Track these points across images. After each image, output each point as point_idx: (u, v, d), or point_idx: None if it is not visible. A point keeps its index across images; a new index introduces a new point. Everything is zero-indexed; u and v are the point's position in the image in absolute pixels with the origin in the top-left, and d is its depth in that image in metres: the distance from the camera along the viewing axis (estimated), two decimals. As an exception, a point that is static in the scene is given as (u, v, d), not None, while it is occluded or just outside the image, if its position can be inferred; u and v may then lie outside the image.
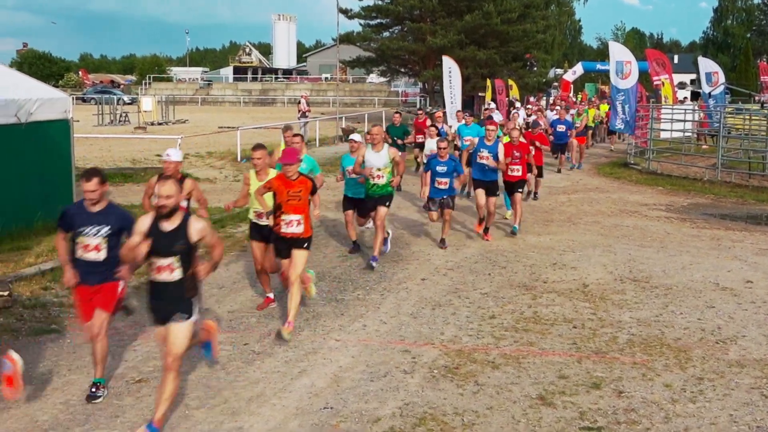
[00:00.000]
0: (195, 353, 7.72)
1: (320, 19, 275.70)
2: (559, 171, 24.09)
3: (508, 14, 47.10)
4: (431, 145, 17.53)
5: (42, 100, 13.62)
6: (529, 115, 30.40)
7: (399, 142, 20.59)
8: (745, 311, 10.11)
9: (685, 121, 29.50)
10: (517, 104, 37.14)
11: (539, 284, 11.35)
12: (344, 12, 51.30)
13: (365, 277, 11.53)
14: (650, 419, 6.82)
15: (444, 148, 13.31)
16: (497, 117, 28.11)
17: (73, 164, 14.77)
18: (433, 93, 52.43)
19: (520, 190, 15.06)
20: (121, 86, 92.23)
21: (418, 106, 53.91)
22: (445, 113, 29.21)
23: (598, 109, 34.32)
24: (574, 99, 45.19)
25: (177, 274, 6.45)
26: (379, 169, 12.22)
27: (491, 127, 14.18)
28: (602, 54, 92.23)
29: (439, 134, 18.64)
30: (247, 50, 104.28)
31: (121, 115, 45.61)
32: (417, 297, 10.62)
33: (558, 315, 9.86)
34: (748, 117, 33.29)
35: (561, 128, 24.21)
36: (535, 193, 19.19)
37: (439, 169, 13.18)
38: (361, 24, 53.66)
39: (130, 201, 17.87)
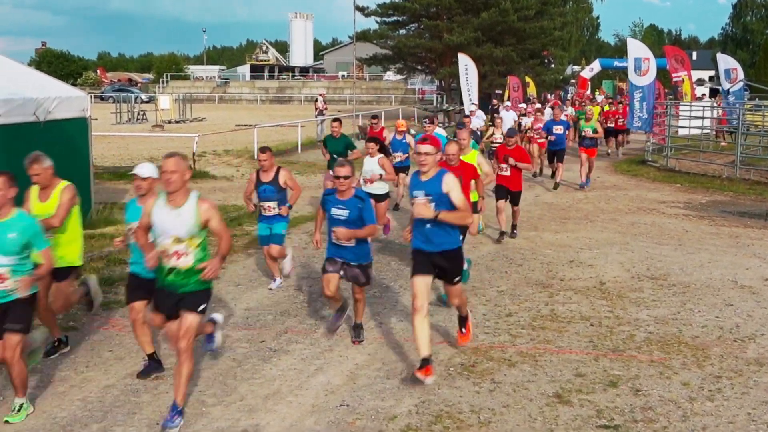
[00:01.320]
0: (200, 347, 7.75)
1: (337, 17, 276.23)
2: (555, 187, 20.15)
3: (525, 11, 46.99)
4: (370, 165, 12.93)
5: (60, 99, 13.70)
6: (522, 115, 28.42)
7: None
8: (764, 309, 10.04)
9: (703, 117, 29.33)
10: (518, 105, 34.67)
11: (556, 282, 11.32)
12: (361, 10, 51.32)
13: (382, 275, 11.53)
14: (668, 418, 6.78)
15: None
16: (477, 122, 26.37)
17: (91, 162, 14.85)
18: (449, 90, 52.36)
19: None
20: (139, 84, 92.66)
21: (434, 103, 53.87)
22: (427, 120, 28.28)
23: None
24: (592, 96, 44.99)
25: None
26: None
27: (425, 149, 7.51)
28: (620, 51, 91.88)
29: (383, 150, 13.74)
30: (264, 48, 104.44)
31: (138, 114, 45.84)
32: (433, 295, 10.59)
33: (575, 313, 9.82)
34: (767, 114, 33.04)
35: (558, 129, 20.29)
36: (510, 232, 14.35)
37: (336, 212, 8.23)
38: (377, 22, 53.67)
39: (148, 199, 17.95)
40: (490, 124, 24.86)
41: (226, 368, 7.89)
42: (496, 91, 46.02)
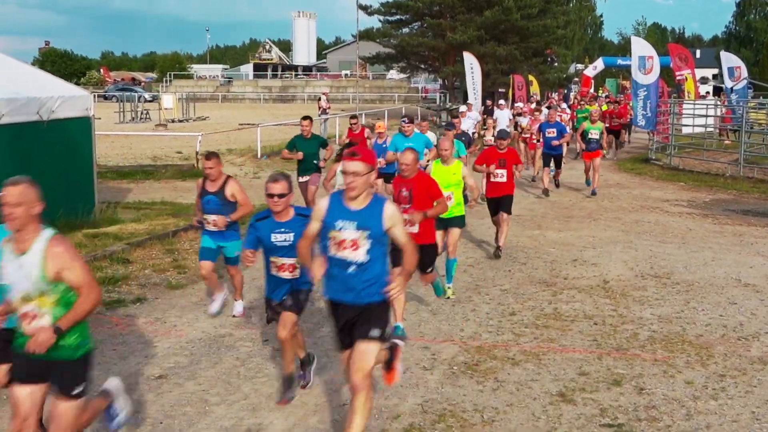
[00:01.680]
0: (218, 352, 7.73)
1: (340, 16, 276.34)
2: (546, 193, 18.72)
3: (528, 9, 46.96)
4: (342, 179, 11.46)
5: (63, 98, 13.71)
6: (517, 114, 26.76)
7: (316, 163, 14.36)
8: (768, 308, 10.04)
9: (707, 116, 29.30)
10: (502, 102, 31.94)
11: (559, 281, 11.31)
12: (364, 8, 51.32)
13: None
14: (671, 416, 6.78)
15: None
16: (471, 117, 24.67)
17: (94, 162, 14.87)
18: (453, 89, 52.35)
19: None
20: (142, 84, 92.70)
21: (437, 102, 53.87)
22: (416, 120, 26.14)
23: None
24: (596, 94, 44.94)
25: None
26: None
27: (353, 167, 5.73)
28: (623, 49, 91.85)
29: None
30: (267, 47, 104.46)
31: (142, 113, 45.89)
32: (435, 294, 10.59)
33: (578, 311, 9.82)
34: (770, 112, 33.02)
35: (551, 133, 18.83)
36: (495, 251, 12.81)
37: (278, 238, 6.95)
38: (380, 20, 53.69)
39: (151, 197, 18.01)
40: (484, 127, 23.67)
41: (229, 367, 7.90)
42: (500, 90, 46.01)
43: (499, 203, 12.56)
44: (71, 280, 4.93)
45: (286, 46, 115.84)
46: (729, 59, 35.50)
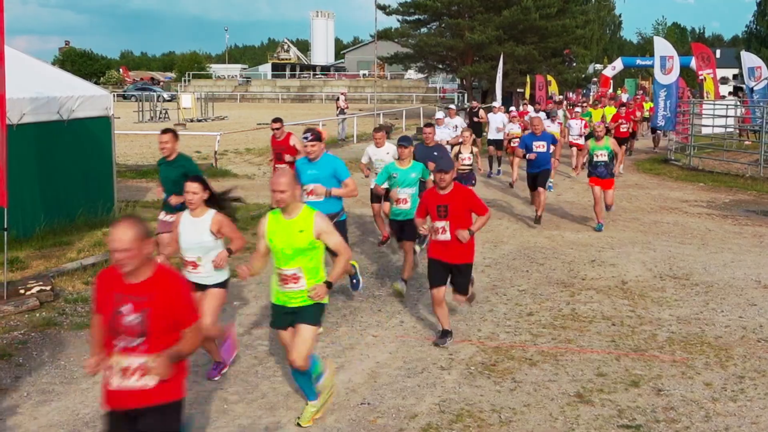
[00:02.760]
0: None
1: (358, 16, 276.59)
2: (537, 221, 15.20)
3: (546, 9, 46.79)
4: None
5: (83, 98, 13.80)
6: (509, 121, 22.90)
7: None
8: (788, 309, 9.97)
9: (727, 116, 29.10)
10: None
11: (577, 281, 11.28)
12: (382, 8, 51.30)
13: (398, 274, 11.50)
14: (690, 418, 6.75)
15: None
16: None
17: (114, 160, 14.95)
18: (470, 89, 52.25)
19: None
20: (161, 83, 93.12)
21: (455, 101, 53.82)
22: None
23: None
24: (614, 93, 44.72)
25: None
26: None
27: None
28: (642, 49, 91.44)
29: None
30: (286, 47, 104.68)
31: (160, 112, 46.07)
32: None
33: (596, 312, 9.79)
34: (791, 112, 32.77)
35: (539, 147, 15.14)
36: (439, 339, 8.79)
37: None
38: (398, 20, 53.60)
39: (170, 197, 18.05)
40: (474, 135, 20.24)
41: (247, 366, 7.92)
42: (518, 90, 45.91)
43: (450, 272, 8.48)
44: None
45: (304, 46, 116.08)
46: (750, 59, 35.21)
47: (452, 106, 24.44)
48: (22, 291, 9.69)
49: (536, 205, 15.31)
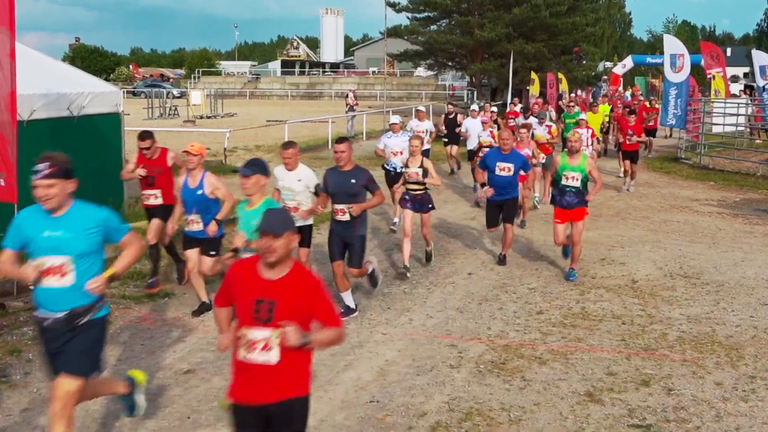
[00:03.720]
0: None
1: (368, 13, 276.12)
2: (501, 262, 12.02)
3: (556, 7, 46.65)
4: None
5: (94, 94, 13.81)
6: (494, 122, 20.57)
7: None
8: (799, 309, 9.92)
9: (738, 115, 28.98)
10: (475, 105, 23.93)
11: (587, 280, 11.24)
12: (392, 5, 51.23)
13: (412, 271, 11.49)
14: (701, 418, 6.72)
15: None
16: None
17: (123, 157, 14.95)
18: (480, 86, 52.17)
19: None
20: (171, 80, 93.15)
21: (465, 99, 53.75)
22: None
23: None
24: (623, 92, 44.54)
25: None
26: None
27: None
28: (652, 47, 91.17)
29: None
30: (295, 44, 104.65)
31: (170, 109, 46.10)
32: (463, 291, 10.58)
33: (606, 311, 9.75)
34: (803, 111, 32.62)
35: (504, 170, 11.82)
36: None
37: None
38: (408, 17, 53.55)
39: (180, 193, 18.06)
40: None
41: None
42: (527, 87, 45.82)
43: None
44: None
45: (313, 43, 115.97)
46: (760, 57, 35.04)
47: (421, 108, 19.19)
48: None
49: (502, 242, 12.13)
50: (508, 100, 33.09)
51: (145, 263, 11.42)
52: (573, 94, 39.40)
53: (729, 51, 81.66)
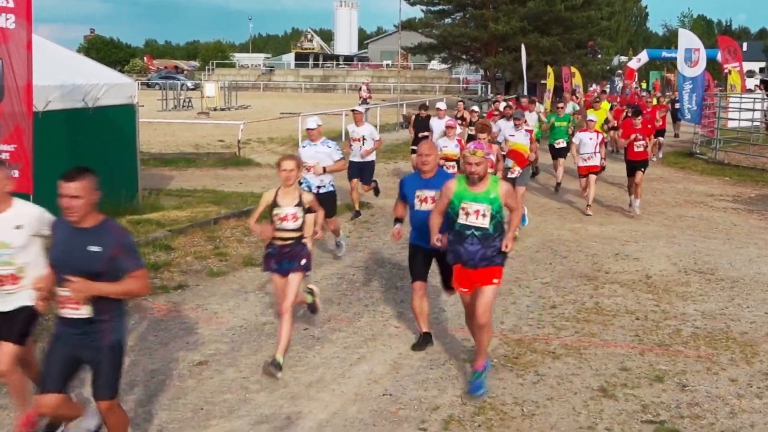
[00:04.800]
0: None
1: (382, 6, 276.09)
2: (418, 347, 8.27)
3: (572, 0, 46.55)
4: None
5: (109, 86, 13.84)
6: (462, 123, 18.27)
7: None
8: (815, 306, 9.86)
9: (753, 110, 28.81)
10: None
11: (601, 275, 11.20)
12: (407, -2, 51.20)
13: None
14: (715, 414, 6.68)
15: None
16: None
17: (138, 148, 15.00)
18: (494, 80, 52.07)
19: None
20: (185, 72, 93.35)
21: (479, 93, 53.62)
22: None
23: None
24: (639, 88, 44.32)
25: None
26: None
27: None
28: (668, 41, 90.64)
29: None
30: (309, 37, 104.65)
31: (184, 101, 46.20)
32: (477, 285, 10.54)
33: (620, 306, 9.72)
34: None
35: (426, 202, 7.91)
36: None
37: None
38: (423, 10, 53.59)
39: (193, 185, 18.14)
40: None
41: (269, 355, 7.90)
42: (541, 81, 45.68)
43: None
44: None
45: (327, 36, 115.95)
46: (777, 52, 34.88)
47: (359, 109, 15.93)
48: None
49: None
50: (524, 94, 32.91)
51: (159, 254, 11.46)
52: (570, 90, 38.42)
53: (745, 46, 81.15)
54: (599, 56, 54.17)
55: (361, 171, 14.79)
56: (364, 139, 14.71)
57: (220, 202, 15.18)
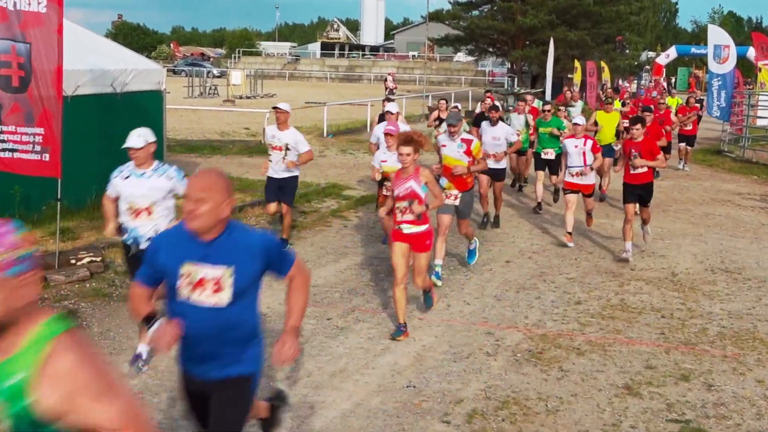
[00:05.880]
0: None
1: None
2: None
3: (601, -5, 46.25)
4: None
5: (137, 71, 13.88)
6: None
7: None
8: (844, 308, 9.74)
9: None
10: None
11: (627, 271, 11.13)
12: (434, -11, 51.05)
13: (449, 257, 11.45)
14: (741, 415, 6.62)
15: None
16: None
17: (165, 135, 15.04)
18: (521, 73, 51.83)
19: None
20: (211, 59, 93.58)
21: (505, 86, 53.39)
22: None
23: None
24: (665, 84, 43.93)
25: None
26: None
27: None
28: (697, 37, 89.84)
29: None
30: (335, 26, 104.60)
31: (210, 88, 46.30)
32: (501, 279, 10.52)
33: (646, 303, 9.65)
34: None
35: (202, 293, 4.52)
36: None
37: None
38: (450, 2, 53.36)
39: (219, 173, 18.17)
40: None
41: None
42: (569, 75, 45.42)
43: None
44: None
45: (354, 26, 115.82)
46: (808, 50, 34.47)
47: (283, 106, 11.50)
48: (73, 261, 9.81)
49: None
50: (548, 89, 32.72)
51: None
52: (627, 83, 36.91)
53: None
54: (627, 51, 53.79)
55: (280, 189, 11.42)
56: (287, 148, 11.19)
57: (244, 189, 15.21)
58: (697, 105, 22.43)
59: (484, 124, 13.77)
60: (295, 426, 6.19)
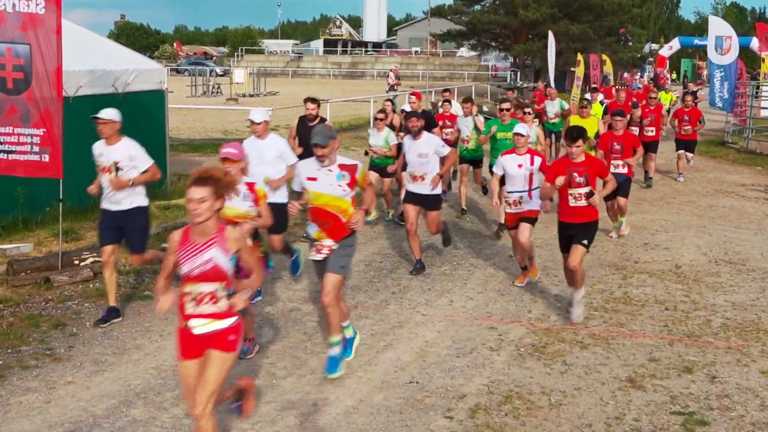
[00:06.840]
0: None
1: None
2: None
3: (603, -13, 46.16)
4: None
5: (138, 71, 13.90)
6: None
7: None
8: None
9: (787, 98, 28.41)
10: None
11: (630, 264, 11.11)
12: (436, -15, 51.01)
13: (452, 252, 11.46)
14: (745, 406, 6.61)
15: None
16: None
17: (167, 134, 15.05)
18: (524, 67, 51.77)
19: None
20: (214, 58, 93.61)
21: (508, 80, 53.32)
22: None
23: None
24: (668, 76, 43.79)
25: None
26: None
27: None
28: (700, 29, 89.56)
29: None
30: (338, 23, 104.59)
31: (213, 87, 46.33)
32: (504, 274, 10.51)
33: (649, 296, 9.63)
34: None
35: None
36: None
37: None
38: (452, -3, 53.29)
39: (222, 171, 18.16)
40: None
41: (296, 341, 7.94)
42: (571, 69, 45.34)
43: None
44: None
45: (356, 22, 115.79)
46: (812, 40, 34.37)
47: (111, 116, 9.21)
48: (76, 261, 9.82)
49: None
50: (551, 82, 32.64)
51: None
52: (629, 75, 36.33)
53: (779, 33, 79.92)
54: (630, 44, 53.65)
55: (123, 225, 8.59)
56: (117, 168, 8.79)
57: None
58: (700, 110, 18.87)
59: (406, 139, 10.68)
60: (298, 423, 6.20)
